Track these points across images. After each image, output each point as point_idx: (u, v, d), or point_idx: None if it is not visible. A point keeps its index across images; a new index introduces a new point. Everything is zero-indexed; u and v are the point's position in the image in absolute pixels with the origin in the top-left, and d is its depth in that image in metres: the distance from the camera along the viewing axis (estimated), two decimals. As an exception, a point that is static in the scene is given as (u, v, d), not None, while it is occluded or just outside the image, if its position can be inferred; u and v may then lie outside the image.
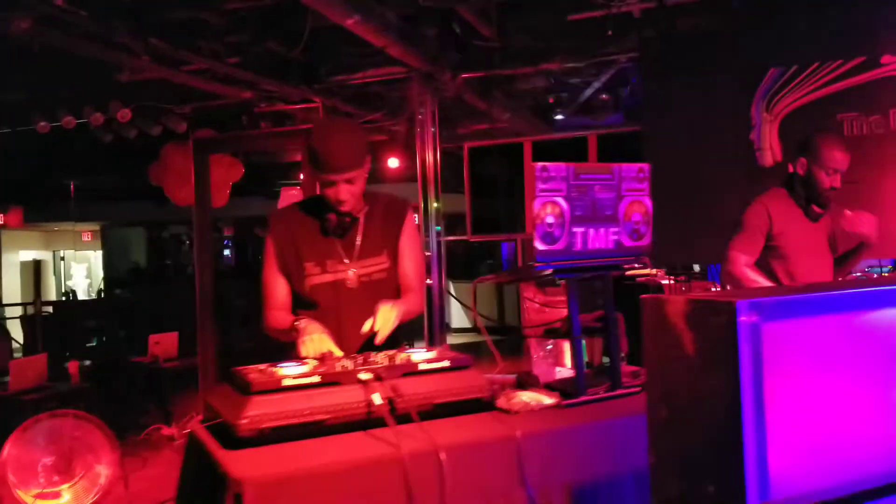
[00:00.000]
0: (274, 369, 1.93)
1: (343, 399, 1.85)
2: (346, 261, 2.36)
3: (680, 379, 1.45)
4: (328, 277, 2.35)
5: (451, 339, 9.76)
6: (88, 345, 10.12)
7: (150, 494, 4.50)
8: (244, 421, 1.73)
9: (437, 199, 5.33)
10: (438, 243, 5.55)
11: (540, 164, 2.04)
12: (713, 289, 6.87)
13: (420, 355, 2.06)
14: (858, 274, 4.32)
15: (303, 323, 2.21)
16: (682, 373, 1.45)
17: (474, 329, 10.88)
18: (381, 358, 2.04)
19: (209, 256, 6.13)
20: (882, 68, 4.17)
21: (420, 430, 1.78)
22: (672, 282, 7.84)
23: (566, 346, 2.70)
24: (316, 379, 1.87)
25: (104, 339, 10.38)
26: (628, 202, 2.20)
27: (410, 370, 1.98)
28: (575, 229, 2.09)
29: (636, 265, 2.40)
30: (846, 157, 3.11)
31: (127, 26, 3.85)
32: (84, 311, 11.80)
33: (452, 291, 10.56)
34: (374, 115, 5.83)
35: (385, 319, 2.20)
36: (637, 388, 2.25)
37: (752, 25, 4.47)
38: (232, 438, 1.76)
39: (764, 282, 3.16)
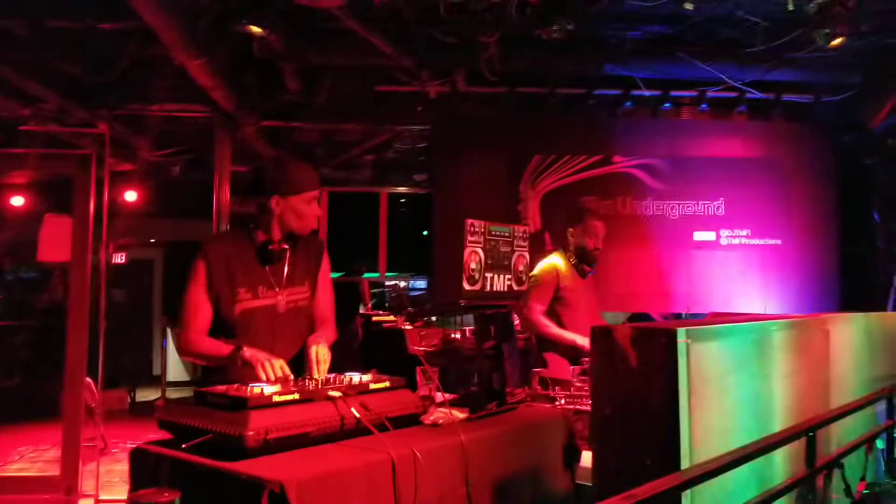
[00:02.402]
0: (250, 387, 2.09)
1: (323, 413, 2.10)
2: (276, 288, 2.56)
3: (624, 385, 2.03)
4: (259, 303, 2.52)
5: (171, 394, 9.27)
6: None
7: None
8: (251, 433, 1.90)
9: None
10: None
11: (469, 220, 2.52)
12: (455, 334, 7.82)
13: (363, 377, 2.37)
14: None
15: (248, 351, 2.35)
16: (626, 380, 2.02)
17: (194, 382, 10.39)
18: (334, 380, 2.30)
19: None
20: (614, 165, 5.43)
21: (397, 437, 2.10)
22: (411, 328, 8.61)
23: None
24: (296, 396, 2.09)
25: None
26: (517, 256, 2.78)
27: (364, 389, 2.28)
28: (487, 274, 2.60)
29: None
30: (604, 226, 4.10)
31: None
32: None
33: (170, 337, 10.05)
34: (164, 150, 5.69)
35: (323, 357, 2.46)
36: (515, 405, 2.80)
37: (522, 118, 5.48)
38: (235, 450, 1.90)
39: (552, 326, 3.96)
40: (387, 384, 2.36)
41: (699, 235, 5.48)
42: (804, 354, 2.72)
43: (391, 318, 8.52)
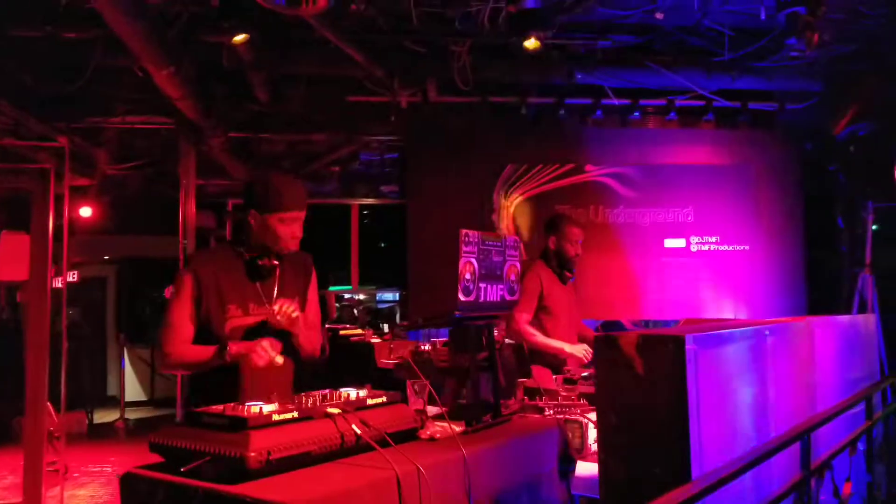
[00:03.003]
0: (247, 406, 2.01)
1: (324, 431, 2.03)
2: (267, 305, 2.48)
3: (629, 393, 2.01)
4: (249, 320, 2.44)
5: (130, 414, 9.00)
6: None
7: None
8: (253, 453, 1.82)
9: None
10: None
11: (463, 231, 2.48)
12: (425, 347, 7.77)
13: (359, 392, 2.30)
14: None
15: (234, 347, 2.31)
16: (631, 388, 2.00)
17: (151, 402, 10.12)
18: (330, 396, 2.23)
19: None
20: (586, 174, 5.46)
21: (398, 453, 2.04)
22: (379, 341, 8.52)
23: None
24: (294, 414, 2.02)
25: None
26: (509, 265, 2.75)
27: (362, 405, 2.22)
28: (481, 285, 2.56)
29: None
30: (582, 232, 4.12)
31: None
32: None
33: (126, 358, 9.76)
34: (127, 164, 5.52)
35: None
36: (509, 416, 2.76)
37: (494, 129, 5.47)
38: (236, 472, 1.82)
39: (538, 335, 3.95)
40: (383, 399, 2.30)
41: (670, 242, 5.55)
42: (793, 357, 2.75)
43: (359, 331, 8.47)
